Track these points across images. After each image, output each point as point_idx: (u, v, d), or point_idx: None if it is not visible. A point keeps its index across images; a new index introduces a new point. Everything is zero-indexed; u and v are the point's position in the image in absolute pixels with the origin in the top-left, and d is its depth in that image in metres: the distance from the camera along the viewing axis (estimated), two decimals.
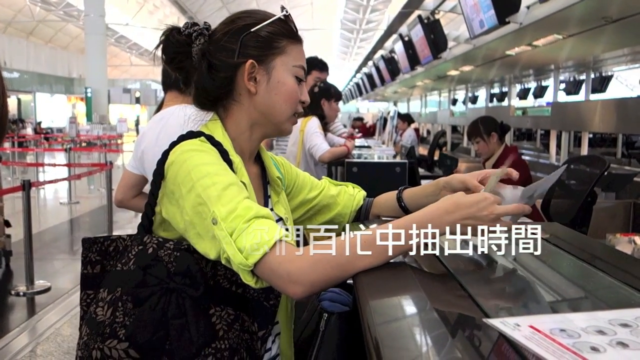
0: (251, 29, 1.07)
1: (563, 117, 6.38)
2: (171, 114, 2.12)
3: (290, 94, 1.11)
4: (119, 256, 1.02)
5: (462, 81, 11.06)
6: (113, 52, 34.68)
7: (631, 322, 0.55)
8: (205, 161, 0.99)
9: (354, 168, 2.92)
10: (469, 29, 5.09)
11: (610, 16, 4.37)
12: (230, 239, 0.89)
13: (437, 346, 0.60)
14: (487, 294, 0.78)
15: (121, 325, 0.93)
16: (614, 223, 4.72)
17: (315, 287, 0.89)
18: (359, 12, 26.58)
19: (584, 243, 1.06)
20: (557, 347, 0.50)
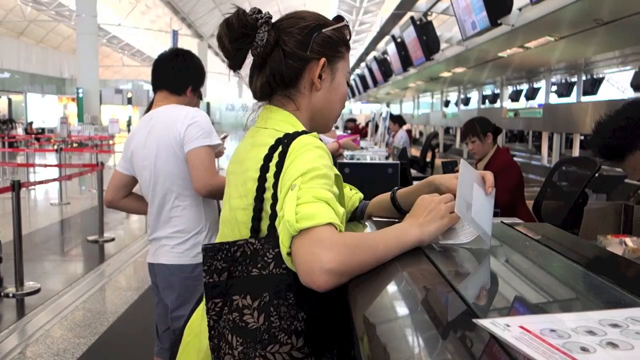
0: (322, 30, 1.15)
1: (555, 119, 6.41)
2: (159, 115, 2.12)
3: (345, 96, 1.22)
4: (249, 261, 1.00)
5: (454, 83, 11.09)
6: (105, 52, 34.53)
7: (621, 322, 0.55)
8: (325, 161, 1.02)
9: (346, 169, 2.92)
10: (461, 31, 5.11)
11: (602, 18, 4.39)
12: (295, 202, 0.90)
13: (427, 347, 0.59)
14: (478, 294, 0.78)
15: (279, 330, 0.96)
16: (605, 224, 4.73)
17: (339, 279, 0.87)
18: (352, 13, 26.62)
19: (574, 243, 1.06)
20: (547, 347, 0.50)
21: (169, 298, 2.13)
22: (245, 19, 1.10)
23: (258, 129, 1.17)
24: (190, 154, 2.03)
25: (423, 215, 1.02)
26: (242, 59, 1.15)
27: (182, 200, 2.09)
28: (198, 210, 2.10)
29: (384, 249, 0.92)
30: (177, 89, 2.20)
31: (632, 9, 4.04)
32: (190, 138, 2.03)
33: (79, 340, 3.50)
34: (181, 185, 2.08)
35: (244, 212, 1.09)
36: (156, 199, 2.12)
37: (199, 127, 2.05)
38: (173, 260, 2.09)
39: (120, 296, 4.43)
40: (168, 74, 2.22)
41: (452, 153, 10.41)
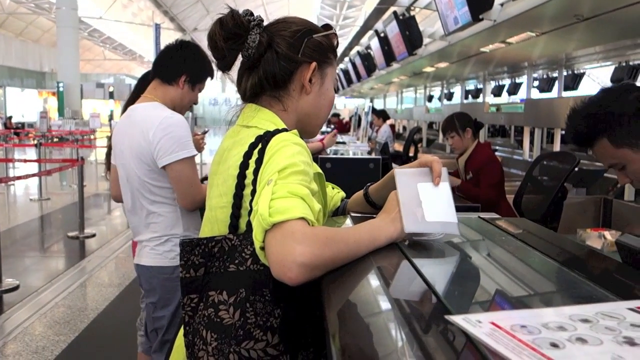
0: (313, 35, 1.17)
1: (536, 113, 6.46)
2: (136, 115, 2.08)
3: (332, 102, 1.25)
4: (227, 257, 1.00)
5: (437, 78, 11.13)
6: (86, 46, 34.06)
7: (591, 317, 0.55)
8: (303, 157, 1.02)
9: (328, 164, 2.92)
10: (444, 26, 5.12)
11: (582, 14, 4.43)
12: (270, 197, 0.90)
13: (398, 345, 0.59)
14: (451, 290, 0.77)
15: (255, 326, 0.95)
16: (585, 218, 4.80)
17: (311, 273, 0.87)
18: (336, 8, 26.58)
19: (549, 238, 1.06)
20: (517, 343, 0.50)
21: (150, 299, 2.11)
22: (239, 19, 1.11)
23: (241, 127, 1.17)
24: (170, 170, 1.97)
25: (395, 210, 1.02)
26: (233, 60, 1.15)
27: (159, 207, 2.04)
28: (176, 216, 2.06)
29: (357, 245, 0.92)
30: (168, 77, 2.12)
31: (611, 5, 4.08)
32: (165, 152, 1.95)
33: (58, 338, 3.46)
34: (155, 192, 2.03)
35: (222, 210, 1.08)
36: (129, 198, 2.08)
37: (173, 139, 1.96)
38: (153, 261, 2.06)
39: (101, 293, 4.38)
40: (163, 62, 2.17)
41: (435, 148, 10.45)
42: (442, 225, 0.99)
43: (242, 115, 1.19)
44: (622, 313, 0.56)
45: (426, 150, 9.82)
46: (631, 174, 1.42)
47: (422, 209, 0.99)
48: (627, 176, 1.43)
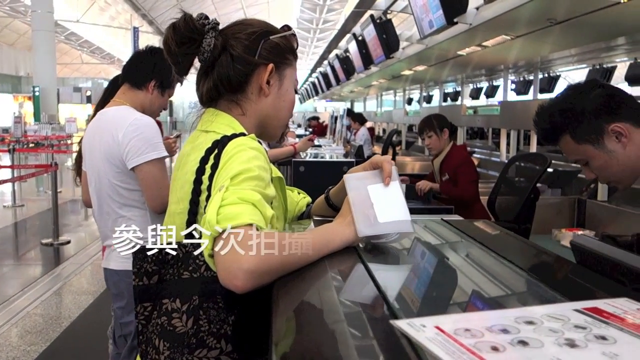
0: (270, 36, 1.15)
1: (512, 116, 6.52)
2: (105, 118, 2.06)
3: (292, 103, 1.23)
4: (181, 264, 0.98)
5: (416, 81, 11.19)
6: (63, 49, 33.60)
7: (537, 319, 0.55)
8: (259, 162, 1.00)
9: (301, 167, 2.91)
10: (419, 29, 5.15)
11: (555, 18, 4.49)
12: (219, 203, 0.88)
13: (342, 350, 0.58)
14: (401, 295, 0.76)
15: (208, 334, 0.93)
16: (560, 218, 4.87)
17: (258, 280, 0.85)
18: (316, 11, 26.61)
19: (507, 240, 1.06)
20: (458, 347, 0.49)
21: (118, 304, 2.07)
22: (192, 23, 1.09)
23: (200, 132, 1.15)
24: (139, 171, 1.94)
25: (350, 215, 1.01)
26: (188, 65, 1.13)
27: (128, 210, 2.01)
28: (145, 220, 2.03)
29: (309, 249, 0.91)
30: (137, 82, 2.11)
31: (584, 9, 4.13)
32: (135, 153, 1.93)
33: (29, 348, 3.39)
34: (124, 195, 2.00)
35: (180, 216, 1.07)
36: (97, 202, 2.06)
37: (143, 140, 1.94)
38: (121, 265, 2.03)
39: (75, 300, 4.31)
40: (133, 67, 2.15)
41: (414, 150, 10.50)
42: (395, 224, 0.98)
43: (201, 120, 1.17)
44: (568, 314, 0.56)
45: (405, 152, 9.86)
46: (594, 170, 1.43)
47: (374, 211, 0.98)
48: (591, 172, 1.45)
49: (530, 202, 3.04)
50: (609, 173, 1.43)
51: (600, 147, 1.38)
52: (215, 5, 23.93)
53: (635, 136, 1.37)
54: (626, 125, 1.36)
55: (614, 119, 1.37)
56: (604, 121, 1.37)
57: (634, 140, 1.37)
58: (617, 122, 1.36)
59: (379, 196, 1.01)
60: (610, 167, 1.40)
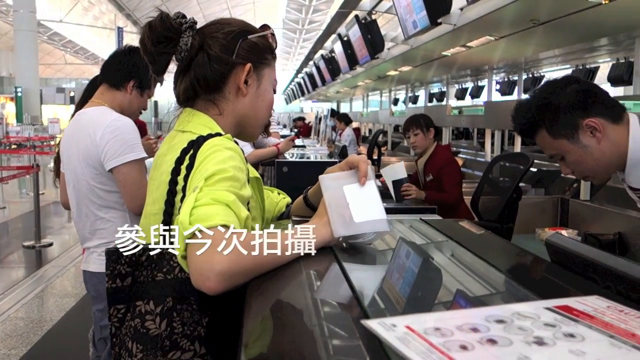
0: (248, 36, 1.14)
1: (496, 116, 6.56)
2: (83, 119, 2.04)
3: (271, 103, 1.22)
4: (155, 265, 0.97)
5: (402, 81, 11.23)
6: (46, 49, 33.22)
7: (507, 317, 0.54)
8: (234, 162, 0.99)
9: (285, 168, 2.89)
10: (403, 30, 5.17)
11: (538, 19, 4.53)
12: (192, 204, 0.87)
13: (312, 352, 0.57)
14: (376, 295, 0.76)
15: (182, 336, 0.92)
16: (543, 218, 4.90)
17: (231, 281, 0.85)
18: (302, 12, 26.59)
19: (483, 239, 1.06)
20: (427, 346, 0.48)
21: (97, 306, 2.05)
22: (169, 22, 1.08)
23: (177, 132, 1.14)
24: (117, 172, 1.92)
25: (326, 215, 1.00)
26: (165, 64, 1.12)
27: (106, 212, 1.99)
28: (124, 222, 2.01)
29: (283, 250, 0.90)
30: (116, 82, 2.08)
31: (566, 10, 4.17)
32: (113, 155, 1.91)
33: (9, 352, 3.34)
34: (103, 197, 1.98)
35: (155, 217, 1.06)
36: (75, 204, 2.03)
37: (121, 142, 1.92)
38: (100, 267, 2.00)
39: (57, 303, 4.25)
40: (111, 67, 2.12)
41: (400, 150, 10.53)
42: (371, 224, 0.98)
43: (178, 120, 1.16)
44: (538, 312, 0.56)
45: (391, 152, 9.88)
46: (570, 164, 1.45)
47: (349, 210, 0.98)
48: (567, 167, 1.46)
49: (513, 202, 3.05)
50: (583, 168, 1.44)
51: (575, 141, 1.40)
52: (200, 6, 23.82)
53: (609, 132, 1.39)
54: (601, 121, 1.38)
55: (589, 114, 1.39)
56: (578, 116, 1.39)
57: (608, 135, 1.39)
58: (592, 117, 1.38)
59: (355, 196, 1.01)
60: (585, 162, 1.42)
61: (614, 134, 1.40)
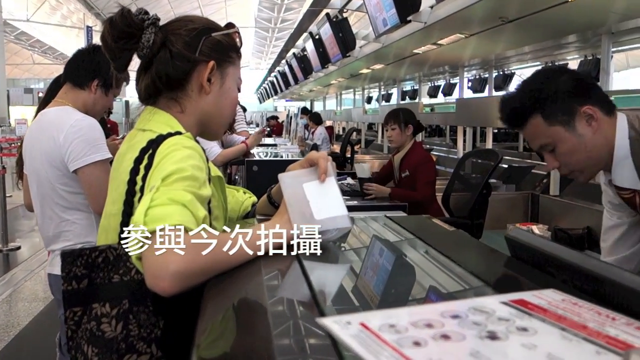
0: (212, 33, 1.12)
1: (467, 113, 6.63)
2: (46, 119, 1.99)
3: (235, 102, 1.20)
4: (112, 267, 0.95)
5: (375, 79, 11.28)
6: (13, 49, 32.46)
7: (463, 313, 0.54)
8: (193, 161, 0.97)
9: (254, 167, 2.87)
10: (374, 28, 5.18)
11: (507, 16, 4.58)
12: (148, 204, 0.86)
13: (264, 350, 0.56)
14: (333, 293, 0.75)
15: (138, 338, 0.91)
16: (514, 213, 4.97)
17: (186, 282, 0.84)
18: (274, 10, 26.49)
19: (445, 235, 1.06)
20: (379, 343, 0.48)
21: (63, 310, 2.00)
22: (131, 18, 1.07)
23: (137, 131, 1.12)
24: (81, 173, 1.88)
25: (287, 213, 0.99)
26: (127, 60, 1.10)
27: (71, 214, 1.95)
28: (90, 223, 1.97)
29: (240, 250, 0.88)
30: (79, 81, 2.04)
31: (533, 8, 4.23)
32: (77, 155, 1.87)
33: None
34: (67, 199, 1.94)
35: (114, 218, 1.03)
36: (39, 206, 1.99)
37: (85, 142, 1.88)
38: None
39: (25, 308, 4.16)
40: (74, 66, 2.07)
41: (374, 148, 10.58)
42: (332, 220, 0.97)
43: (139, 119, 1.14)
44: (494, 307, 0.55)
45: (365, 150, 9.92)
46: (561, 156, 1.40)
47: (310, 208, 0.97)
48: (556, 159, 1.42)
49: (483, 198, 3.08)
50: (574, 160, 1.41)
51: (570, 129, 1.36)
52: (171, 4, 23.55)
53: (602, 124, 1.37)
54: (597, 110, 1.36)
55: (586, 101, 1.36)
56: (576, 102, 1.36)
57: (602, 127, 1.37)
58: (589, 105, 1.36)
59: (315, 193, 1.00)
60: (578, 153, 1.38)
61: (606, 127, 1.37)
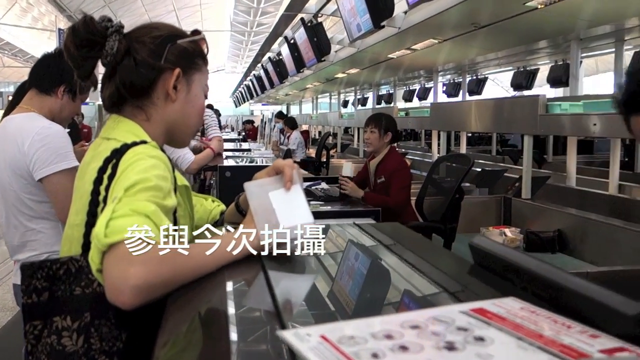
0: (177, 40, 1.11)
1: (442, 117, 6.70)
2: (10, 126, 1.94)
3: (202, 108, 1.19)
4: (73, 279, 0.93)
5: (351, 84, 11.33)
6: None
7: (422, 323, 0.54)
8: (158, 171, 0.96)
9: (227, 172, 2.86)
10: (348, 32, 5.22)
11: (479, 22, 4.65)
12: (109, 215, 0.84)
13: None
14: (296, 304, 0.75)
15: (99, 352, 0.90)
16: (487, 216, 5.02)
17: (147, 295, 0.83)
18: (250, 14, 26.43)
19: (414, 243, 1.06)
20: (338, 355, 0.48)
21: None
22: (93, 25, 1.05)
23: (102, 140, 1.10)
24: (46, 182, 1.84)
25: (253, 222, 0.98)
26: (90, 69, 1.09)
27: (36, 223, 1.90)
28: (57, 232, 1.92)
29: (204, 260, 0.87)
30: (45, 87, 1.98)
31: (504, 14, 4.31)
32: (42, 164, 1.83)
33: None
34: (33, 208, 1.89)
35: (78, 228, 1.02)
36: (4, 215, 1.94)
37: (50, 150, 1.83)
38: None
39: None
40: (40, 71, 2.02)
41: (349, 152, 10.61)
42: (299, 231, 0.97)
43: (104, 127, 1.12)
44: (453, 316, 0.56)
45: (340, 154, 9.94)
46: None
47: (276, 216, 0.97)
48: None
49: (456, 202, 3.12)
50: None
51: None
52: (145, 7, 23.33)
53: None
54: None
55: None
56: None
57: None
58: None
59: (281, 201, 1.00)
60: None
61: None
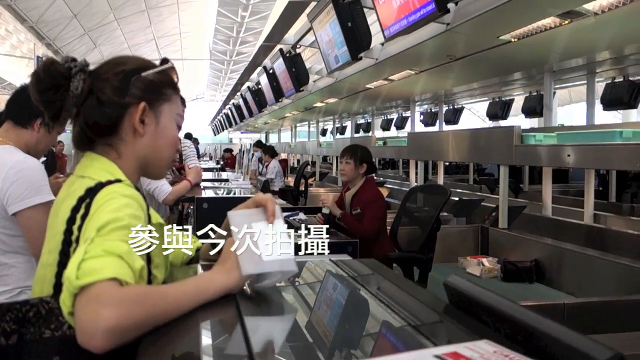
0: (141, 73, 1.09)
1: (419, 147, 6.76)
2: None
3: (174, 140, 1.17)
4: (43, 321, 0.91)
5: (329, 113, 11.42)
6: None
7: None
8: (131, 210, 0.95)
9: (204, 204, 2.83)
10: (326, 64, 5.28)
11: (454, 54, 4.75)
12: (81, 257, 0.82)
13: None
14: (269, 349, 0.73)
15: None
16: (465, 246, 5.04)
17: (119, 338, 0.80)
18: (229, 43, 26.64)
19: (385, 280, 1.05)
20: None
21: None
22: (55, 68, 1.04)
23: (76, 178, 1.08)
24: (20, 217, 1.81)
25: (230, 260, 0.97)
26: (58, 111, 1.07)
27: (10, 257, 1.86)
28: (30, 267, 1.88)
29: (178, 301, 0.86)
30: (21, 120, 1.96)
31: (479, 47, 4.40)
32: (16, 198, 1.80)
33: None
34: (7, 242, 1.85)
35: (50, 268, 0.99)
36: None
37: (25, 185, 1.81)
38: None
39: None
40: (16, 104, 1.99)
41: (328, 181, 10.62)
42: (279, 263, 0.96)
43: (79, 165, 1.10)
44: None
45: (319, 183, 9.95)
46: None
47: (258, 248, 0.96)
48: None
49: (434, 232, 3.13)
50: None
51: None
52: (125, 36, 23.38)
53: None
54: None
55: None
56: None
57: None
58: None
59: (264, 233, 0.99)
60: None
61: None
